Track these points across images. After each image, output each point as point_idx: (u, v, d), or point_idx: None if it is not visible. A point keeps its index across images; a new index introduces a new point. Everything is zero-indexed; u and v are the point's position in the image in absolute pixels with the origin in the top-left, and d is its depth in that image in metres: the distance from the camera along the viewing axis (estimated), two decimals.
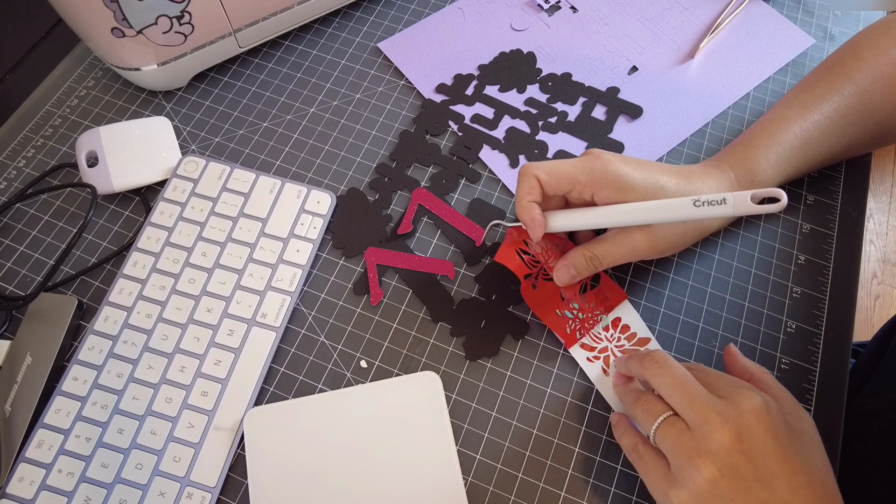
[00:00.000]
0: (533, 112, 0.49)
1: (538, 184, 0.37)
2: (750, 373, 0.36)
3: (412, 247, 0.44)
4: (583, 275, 0.38)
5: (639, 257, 0.38)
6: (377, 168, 0.47)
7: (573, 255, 0.38)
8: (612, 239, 0.38)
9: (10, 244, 0.45)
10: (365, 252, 0.44)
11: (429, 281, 0.43)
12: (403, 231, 0.44)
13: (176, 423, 0.38)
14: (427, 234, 0.45)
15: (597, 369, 0.40)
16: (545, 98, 0.50)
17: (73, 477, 0.37)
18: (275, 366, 0.41)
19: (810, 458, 0.31)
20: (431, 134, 0.49)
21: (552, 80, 0.51)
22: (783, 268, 0.44)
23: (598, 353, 0.40)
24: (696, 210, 0.33)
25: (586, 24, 0.54)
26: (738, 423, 0.30)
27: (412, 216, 0.45)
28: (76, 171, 0.48)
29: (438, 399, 0.39)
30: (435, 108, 0.50)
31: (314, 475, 0.37)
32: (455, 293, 0.43)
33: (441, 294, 0.43)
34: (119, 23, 0.43)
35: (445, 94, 0.50)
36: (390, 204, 0.46)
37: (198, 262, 0.43)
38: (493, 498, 0.37)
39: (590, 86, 0.50)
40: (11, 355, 0.40)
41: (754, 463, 0.29)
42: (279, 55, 0.53)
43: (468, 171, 0.47)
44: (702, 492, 0.30)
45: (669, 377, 0.33)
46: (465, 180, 0.47)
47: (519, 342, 0.41)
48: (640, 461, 0.34)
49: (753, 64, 0.51)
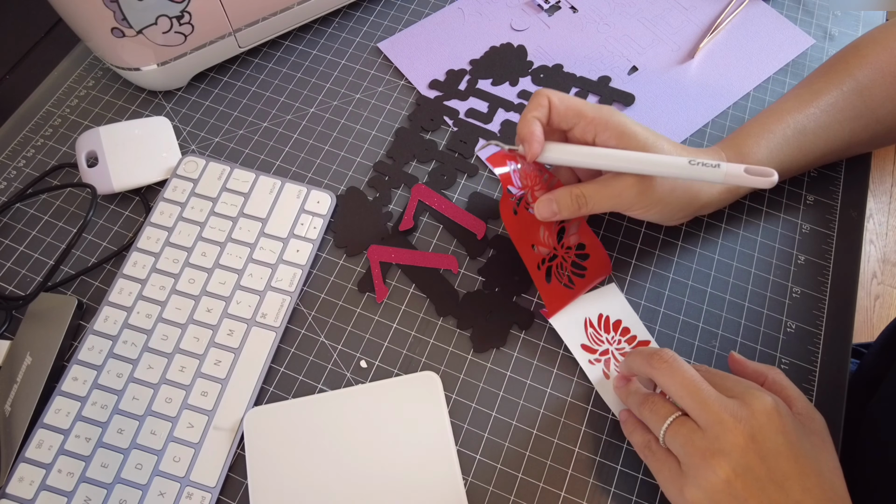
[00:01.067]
0: (526, 104, 0.49)
1: (548, 104, 0.37)
2: (763, 376, 0.35)
3: (414, 243, 0.44)
4: (564, 212, 0.38)
5: (626, 207, 0.38)
6: (375, 166, 0.47)
7: (559, 191, 0.38)
8: (601, 181, 0.38)
9: (10, 244, 0.45)
10: (367, 250, 0.44)
11: (433, 276, 0.43)
12: (404, 228, 0.44)
13: (176, 423, 0.38)
14: (428, 229, 0.45)
15: (598, 372, 0.40)
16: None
17: (72, 477, 0.37)
18: (275, 366, 0.41)
19: (821, 459, 0.31)
20: (427, 130, 0.49)
21: (544, 72, 0.51)
22: (783, 268, 0.44)
23: (600, 356, 0.40)
24: (691, 168, 0.35)
25: (586, 24, 0.54)
26: (750, 423, 0.30)
27: (412, 212, 0.45)
28: (76, 171, 0.48)
29: (438, 399, 0.39)
30: (429, 105, 0.50)
31: (314, 475, 0.37)
32: (459, 287, 0.43)
33: (446, 288, 0.43)
34: (119, 23, 0.43)
35: (438, 90, 0.50)
36: (390, 201, 0.46)
37: (198, 262, 0.43)
38: (493, 498, 0.37)
39: (581, 76, 0.51)
40: (11, 355, 0.40)
41: (767, 463, 0.29)
42: (279, 55, 0.53)
43: (466, 165, 0.47)
44: (716, 491, 0.30)
45: (679, 377, 0.32)
46: (465, 175, 0.47)
47: (521, 336, 0.41)
48: (652, 458, 0.34)
49: (753, 64, 0.51)
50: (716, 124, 0.49)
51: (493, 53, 0.52)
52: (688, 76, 0.51)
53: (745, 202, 0.46)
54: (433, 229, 0.45)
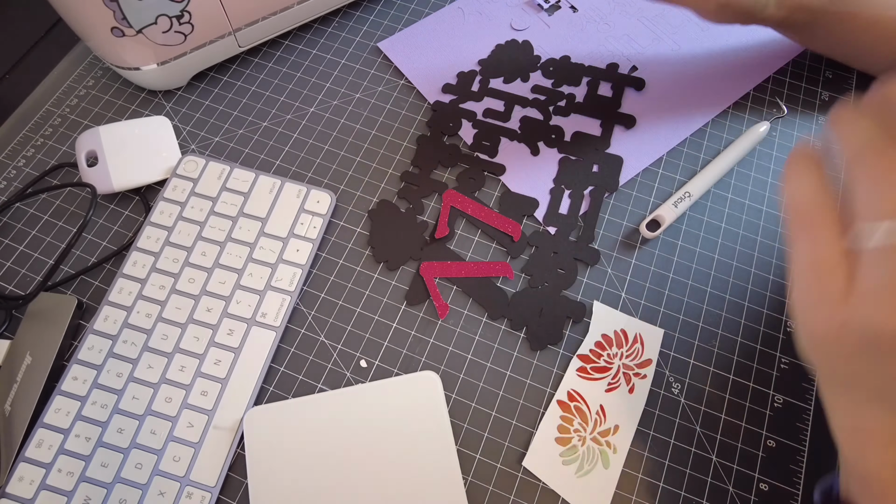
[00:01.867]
0: (541, 98, 0.50)
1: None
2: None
3: (453, 247, 0.44)
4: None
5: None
6: (402, 177, 0.47)
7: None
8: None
9: (9, 244, 0.45)
10: (420, 268, 0.43)
11: (481, 281, 0.43)
12: (441, 235, 0.44)
13: (176, 423, 0.38)
14: (465, 233, 0.45)
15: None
16: (550, 83, 0.50)
17: (72, 476, 0.37)
18: (275, 365, 0.41)
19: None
20: (447, 135, 0.49)
21: (552, 64, 0.51)
22: (783, 267, 0.44)
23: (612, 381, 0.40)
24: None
25: (586, 23, 0.54)
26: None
27: (446, 219, 0.45)
28: (76, 171, 0.48)
29: (438, 399, 0.39)
30: (445, 109, 0.49)
31: (314, 475, 0.37)
32: (504, 286, 0.43)
33: (495, 292, 0.43)
34: (119, 22, 0.43)
35: (452, 94, 0.50)
36: (423, 210, 0.46)
37: (197, 261, 0.43)
38: (493, 498, 0.37)
39: (590, 65, 0.51)
40: (11, 355, 0.40)
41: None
42: (279, 55, 0.53)
43: (492, 165, 0.47)
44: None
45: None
46: (492, 176, 0.47)
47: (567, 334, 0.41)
48: (812, 274, 0.23)
49: (755, 63, 0.51)
50: (716, 124, 0.49)
51: (499, 51, 0.52)
52: (689, 75, 0.51)
53: (745, 202, 0.46)
54: (470, 233, 0.45)
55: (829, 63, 0.51)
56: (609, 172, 0.47)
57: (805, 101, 0.50)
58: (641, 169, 0.47)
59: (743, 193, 0.46)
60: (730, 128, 0.49)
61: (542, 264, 0.43)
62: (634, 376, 0.40)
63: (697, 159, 0.47)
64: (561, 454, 0.37)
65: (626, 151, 0.47)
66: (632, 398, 0.39)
